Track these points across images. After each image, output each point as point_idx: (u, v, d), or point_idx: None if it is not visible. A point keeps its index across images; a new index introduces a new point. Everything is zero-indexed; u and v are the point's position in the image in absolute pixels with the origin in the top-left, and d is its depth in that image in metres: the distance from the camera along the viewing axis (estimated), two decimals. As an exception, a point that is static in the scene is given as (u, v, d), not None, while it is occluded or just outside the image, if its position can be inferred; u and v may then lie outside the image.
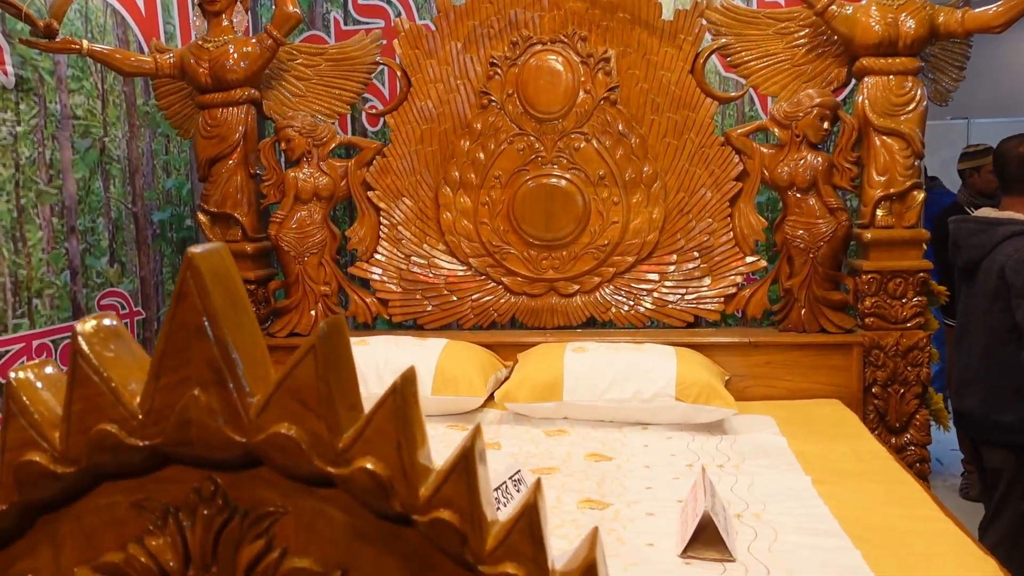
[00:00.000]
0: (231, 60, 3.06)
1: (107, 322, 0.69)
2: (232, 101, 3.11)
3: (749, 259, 3.04)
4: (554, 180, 3.10)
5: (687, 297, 3.09)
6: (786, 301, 2.98)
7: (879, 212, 2.83)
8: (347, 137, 3.40)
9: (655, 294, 3.11)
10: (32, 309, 2.81)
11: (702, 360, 2.81)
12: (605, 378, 2.63)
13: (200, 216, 3.22)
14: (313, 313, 3.21)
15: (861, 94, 2.84)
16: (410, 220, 3.22)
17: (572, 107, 3.07)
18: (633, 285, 3.12)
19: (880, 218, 2.83)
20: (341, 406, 0.62)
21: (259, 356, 0.65)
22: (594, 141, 3.07)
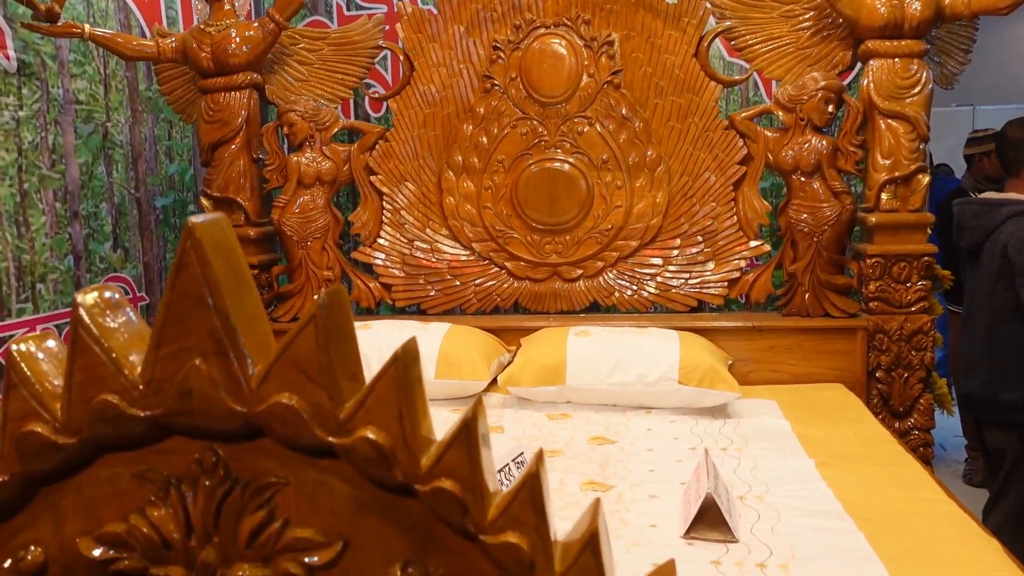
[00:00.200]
0: (233, 44, 3.05)
1: (108, 294, 0.68)
2: (234, 85, 3.10)
3: (753, 243, 3.03)
4: (557, 164, 3.09)
5: (691, 281, 3.08)
6: (790, 285, 2.97)
7: (884, 196, 2.82)
8: (350, 122, 3.40)
9: (659, 278, 3.10)
10: (36, 294, 2.82)
11: (706, 344, 2.80)
12: (608, 362, 2.63)
13: (203, 201, 3.22)
14: (316, 298, 3.20)
15: (866, 77, 2.82)
16: (413, 205, 3.21)
17: (575, 91, 3.05)
18: (637, 269, 3.11)
19: (885, 202, 2.82)
20: (342, 376, 0.61)
21: (260, 326, 0.65)
22: (597, 125, 3.06)
